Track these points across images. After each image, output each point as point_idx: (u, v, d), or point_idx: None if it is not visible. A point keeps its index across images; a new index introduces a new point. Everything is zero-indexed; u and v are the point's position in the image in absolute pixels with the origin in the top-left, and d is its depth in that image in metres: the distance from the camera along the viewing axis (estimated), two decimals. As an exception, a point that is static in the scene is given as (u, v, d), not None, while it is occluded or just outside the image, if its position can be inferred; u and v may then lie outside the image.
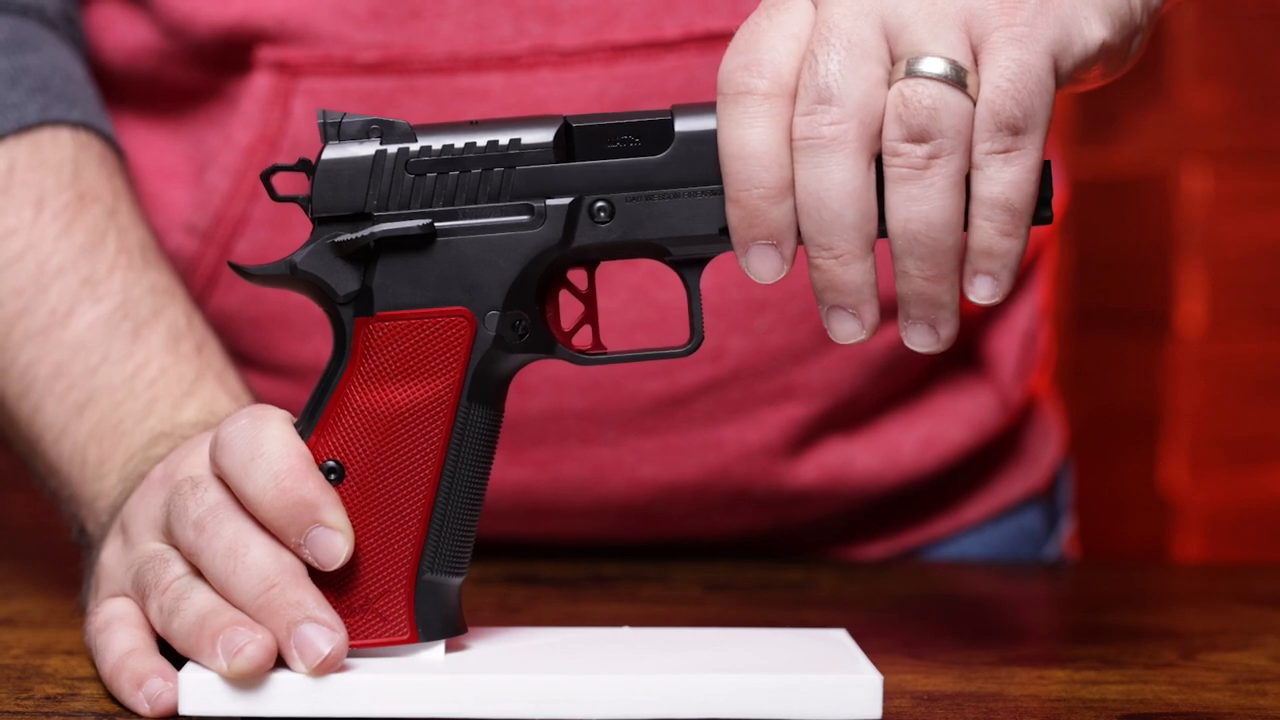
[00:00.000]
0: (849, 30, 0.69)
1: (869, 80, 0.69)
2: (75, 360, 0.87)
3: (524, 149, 0.72)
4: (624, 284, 0.97)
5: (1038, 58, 0.69)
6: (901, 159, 0.69)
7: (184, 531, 0.73)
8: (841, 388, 1.02)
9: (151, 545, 0.75)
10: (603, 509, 1.03)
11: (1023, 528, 1.14)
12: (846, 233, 0.69)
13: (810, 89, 0.69)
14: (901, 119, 0.69)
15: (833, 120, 0.69)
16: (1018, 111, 0.69)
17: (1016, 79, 0.69)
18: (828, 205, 0.69)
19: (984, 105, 0.69)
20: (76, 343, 0.88)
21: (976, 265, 0.71)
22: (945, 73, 0.68)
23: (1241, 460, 2.10)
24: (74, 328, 0.88)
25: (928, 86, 0.68)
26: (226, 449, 0.72)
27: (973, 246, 0.70)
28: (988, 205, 0.70)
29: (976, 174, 0.69)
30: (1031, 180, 0.70)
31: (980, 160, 0.69)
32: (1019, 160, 0.69)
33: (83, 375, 0.87)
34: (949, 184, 0.69)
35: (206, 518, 0.72)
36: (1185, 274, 2.09)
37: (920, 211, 0.69)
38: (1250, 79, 2.09)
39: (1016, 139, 0.69)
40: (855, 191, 0.69)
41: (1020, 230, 0.70)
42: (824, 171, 0.69)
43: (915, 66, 0.69)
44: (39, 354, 0.88)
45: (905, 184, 0.69)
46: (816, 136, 0.69)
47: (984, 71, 0.69)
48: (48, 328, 0.88)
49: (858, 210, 0.69)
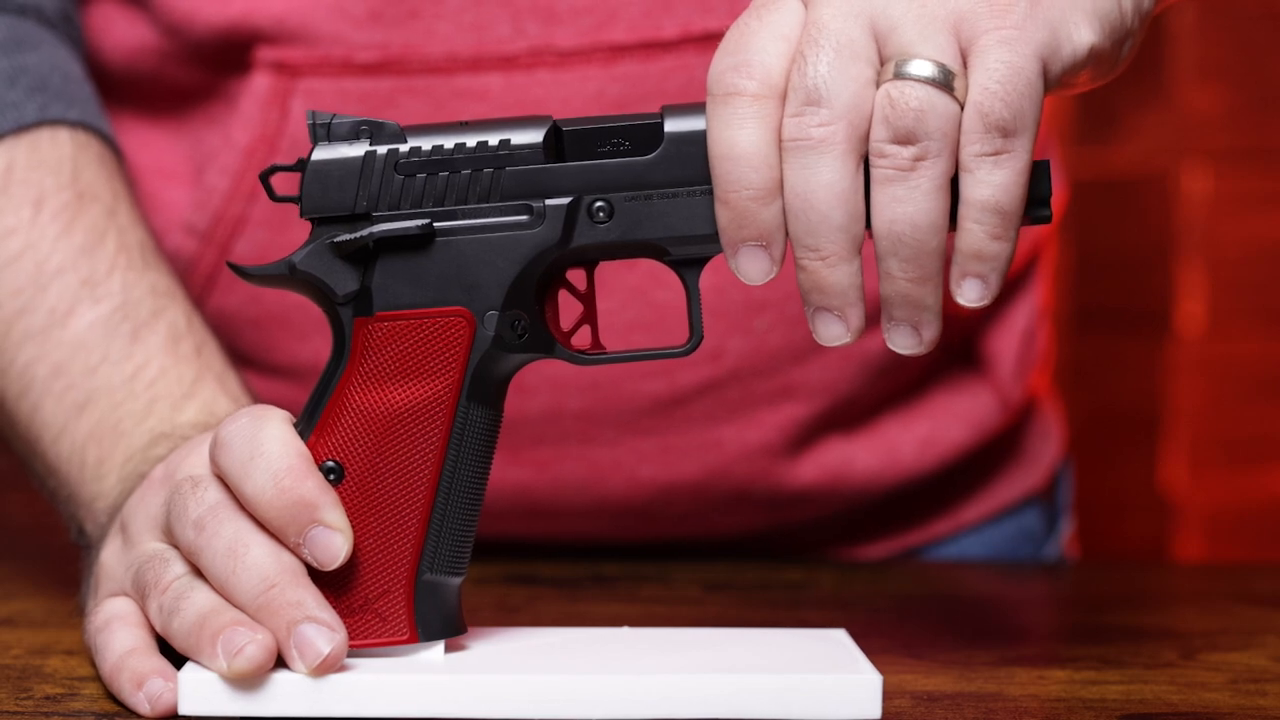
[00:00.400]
0: (838, 31, 0.69)
1: (858, 82, 0.69)
2: (74, 360, 0.87)
3: (514, 150, 0.72)
4: (623, 284, 0.97)
5: (1027, 60, 0.69)
6: (887, 160, 0.69)
7: (184, 531, 0.73)
8: (841, 387, 1.02)
9: (151, 545, 0.75)
10: (602, 509, 1.03)
11: (1022, 528, 1.14)
12: (833, 234, 0.69)
13: (799, 90, 0.69)
14: (888, 120, 0.69)
15: (821, 122, 0.69)
16: (1007, 113, 0.69)
17: (1006, 81, 0.69)
18: (815, 206, 0.69)
19: (973, 107, 0.69)
20: (76, 343, 0.88)
21: (965, 268, 0.70)
22: (933, 75, 0.68)
23: (1241, 460, 2.10)
24: (73, 328, 0.88)
25: (915, 89, 0.68)
26: (226, 448, 0.72)
27: (962, 249, 0.70)
28: (977, 208, 0.69)
29: (966, 177, 0.69)
30: (1021, 183, 0.70)
31: (970, 163, 0.69)
32: (1009, 163, 0.69)
33: (82, 375, 0.87)
34: (934, 186, 0.69)
35: (206, 517, 0.72)
36: (1185, 274, 2.09)
37: (905, 213, 0.69)
38: (1250, 79, 2.09)
39: (1006, 141, 0.69)
40: (843, 193, 0.69)
41: (1010, 233, 0.70)
42: (812, 173, 0.69)
43: (903, 68, 0.69)
44: (38, 354, 0.88)
45: (891, 185, 0.69)
46: (805, 138, 0.69)
47: (973, 74, 0.69)
48: (47, 327, 0.88)
49: (845, 211, 0.69)
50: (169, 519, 0.74)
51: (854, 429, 1.05)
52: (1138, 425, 2.13)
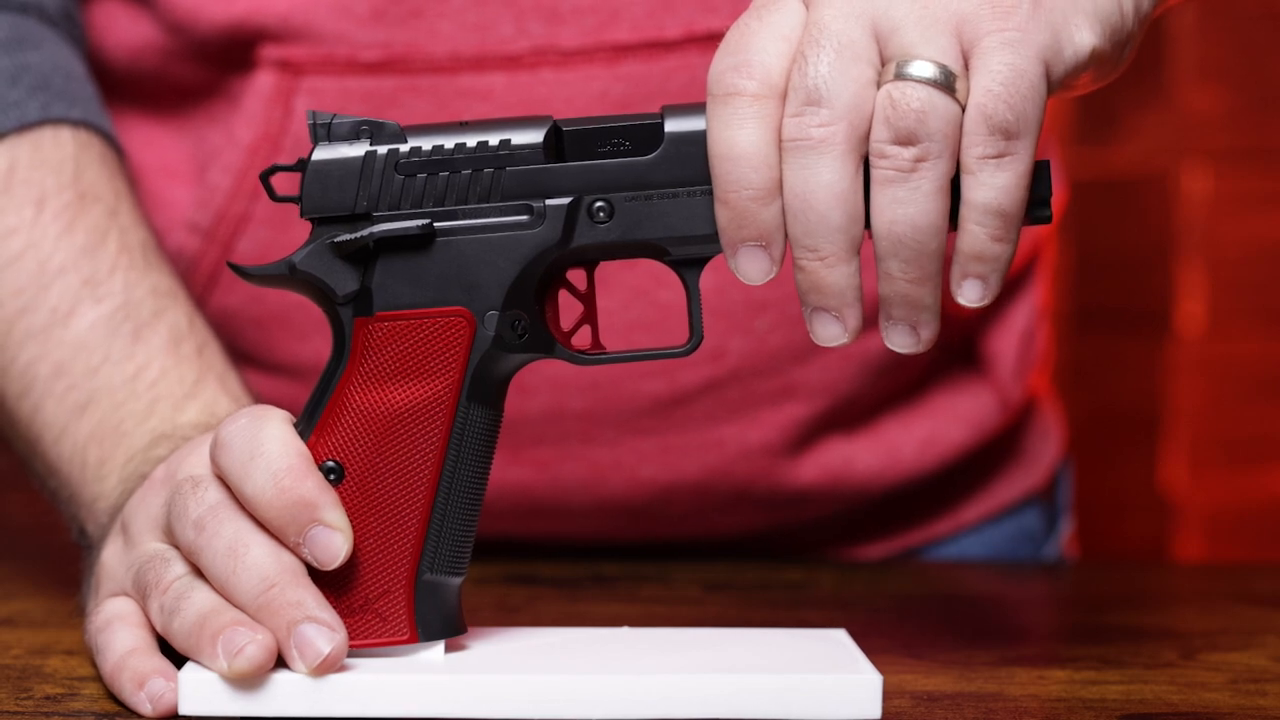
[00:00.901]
0: (839, 32, 0.69)
1: (859, 82, 0.69)
2: (76, 360, 0.87)
3: (514, 150, 0.72)
4: (623, 284, 0.97)
5: (1030, 63, 0.69)
6: (888, 161, 0.69)
7: (185, 531, 0.73)
8: (841, 388, 1.02)
9: (152, 545, 0.75)
10: (602, 509, 1.03)
11: (1022, 528, 1.14)
12: (832, 235, 0.69)
13: (800, 90, 0.69)
14: (889, 121, 0.69)
15: (822, 122, 0.69)
16: (1010, 115, 0.68)
17: (1009, 83, 0.68)
18: (814, 207, 0.69)
19: (975, 109, 0.69)
20: (77, 343, 0.88)
21: (966, 269, 0.70)
22: (935, 76, 0.68)
23: (1241, 460, 2.10)
24: (75, 328, 0.88)
25: (916, 89, 0.68)
26: (226, 448, 0.72)
27: (963, 250, 0.70)
28: (979, 210, 0.69)
29: (968, 178, 0.69)
30: (1023, 186, 0.70)
31: (972, 165, 0.69)
32: (1011, 165, 0.69)
33: (84, 375, 0.87)
34: (935, 187, 0.69)
35: (207, 517, 0.72)
36: (1185, 274, 2.09)
37: (906, 214, 0.69)
38: (1250, 79, 2.09)
39: (1009, 143, 0.69)
40: (842, 194, 0.69)
41: (1011, 235, 0.70)
42: (811, 173, 0.69)
43: (905, 69, 0.69)
44: (39, 353, 0.88)
45: (891, 186, 0.69)
46: (805, 138, 0.69)
47: (975, 76, 0.69)
48: (48, 327, 0.88)
49: (844, 212, 0.69)
50: (169, 519, 0.74)
51: (854, 429, 1.05)
52: (1138, 425, 2.13)
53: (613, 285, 0.96)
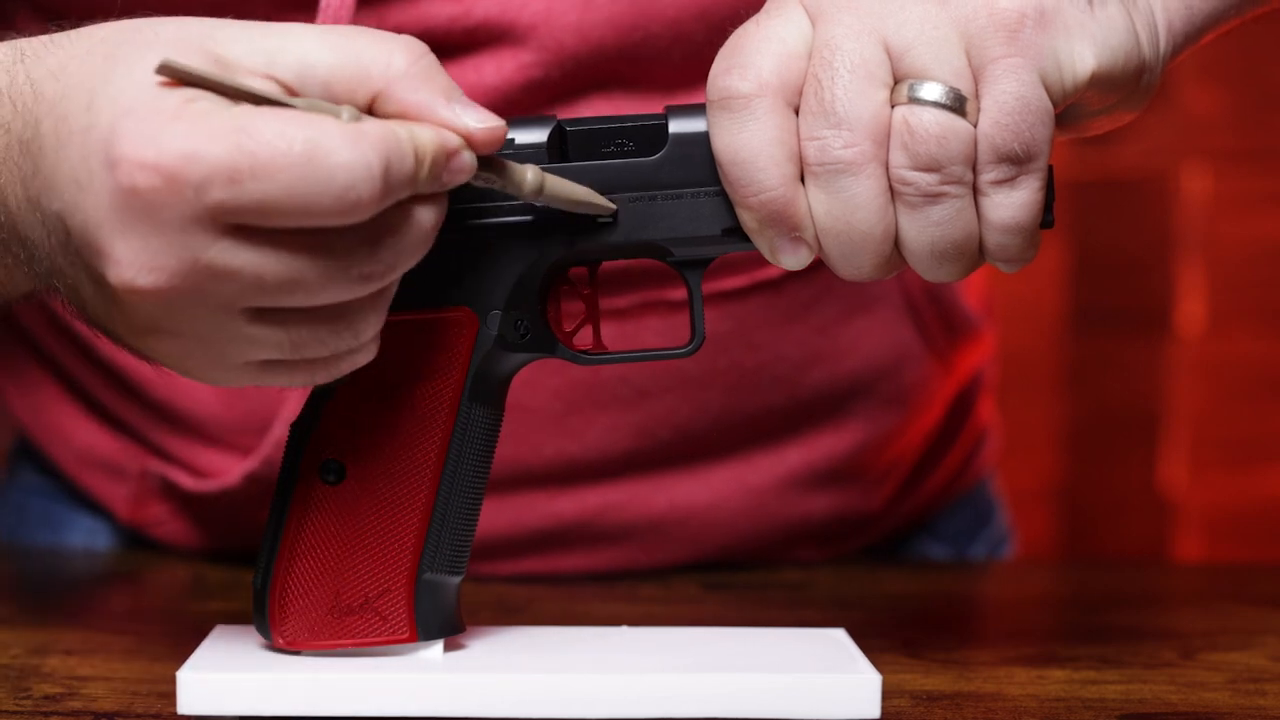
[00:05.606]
0: (852, 51, 0.69)
1: (875, 101, 0.69)
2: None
3: (518, 149, 0.72)
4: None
5: (1033, 89, 0.69)
6: (912, 188, 0.69)
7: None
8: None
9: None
10: (596, 547, 1.02)
11: (977, 511, 1.13)
12: (877, 248, 0.70)
13: (818, 113, 0.69)
14: (907, 147, 0.69)
15: (846, 143, 0.69)
16: (1018, 146, 0.69)
17: (1015, 113, 0.69)
18: (856, 227, 0.70)
19: (985, 139, 0.69)
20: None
21: (994, 257, 0.72)
22: (949, 100, 0.69)
23: (1241, 460, 2.09)
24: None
25: (934, 114, 0.69)
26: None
27: (988, 251, 0.72)
28: (998, 230, 0.71)
29: (982, 199, 0.70)
30: (1038, 200, 0.71)
31: (985, 188, 0.70)
32: (1025, 184, 0.70)
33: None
34: (966, 203, 0.70)
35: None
36: (1185, 274, 2.09)
37: (945, 234, 0.70)
38: (1250, 79, 2.09)
39: (1020, 168, 0.70)
40: (882, 208, 0.70)
41: (1034, 239, 0.72)
42: (849, 194, 0.69)
43: (918, 92, 0.69)
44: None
45: (924, 209, 0.70)
46: (833, 161, 0.69)
47: (984, 100, 0.69)
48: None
49: (885, 228, 0.70)
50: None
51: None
52: (1137, 425, 2.13)
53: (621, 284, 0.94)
